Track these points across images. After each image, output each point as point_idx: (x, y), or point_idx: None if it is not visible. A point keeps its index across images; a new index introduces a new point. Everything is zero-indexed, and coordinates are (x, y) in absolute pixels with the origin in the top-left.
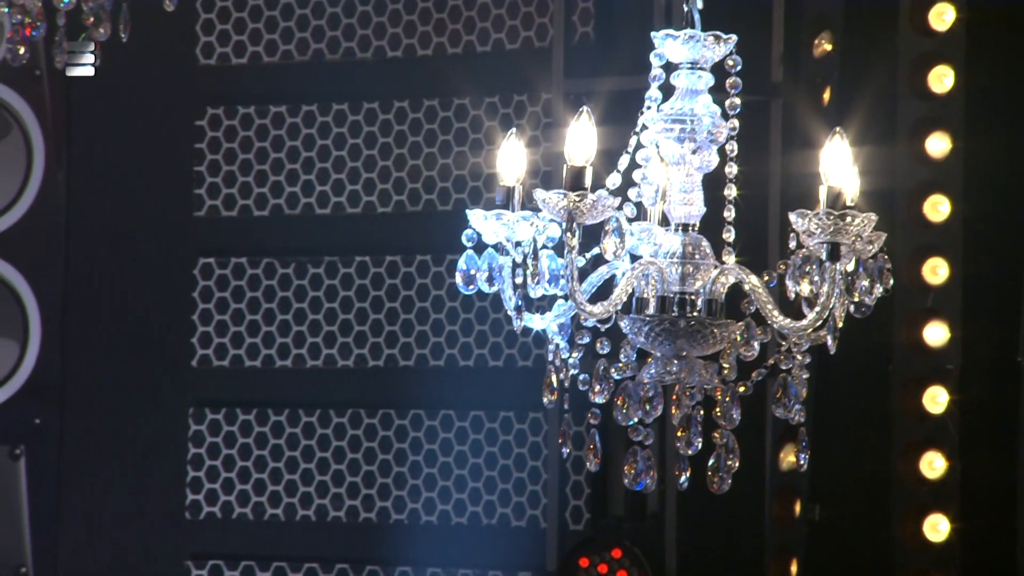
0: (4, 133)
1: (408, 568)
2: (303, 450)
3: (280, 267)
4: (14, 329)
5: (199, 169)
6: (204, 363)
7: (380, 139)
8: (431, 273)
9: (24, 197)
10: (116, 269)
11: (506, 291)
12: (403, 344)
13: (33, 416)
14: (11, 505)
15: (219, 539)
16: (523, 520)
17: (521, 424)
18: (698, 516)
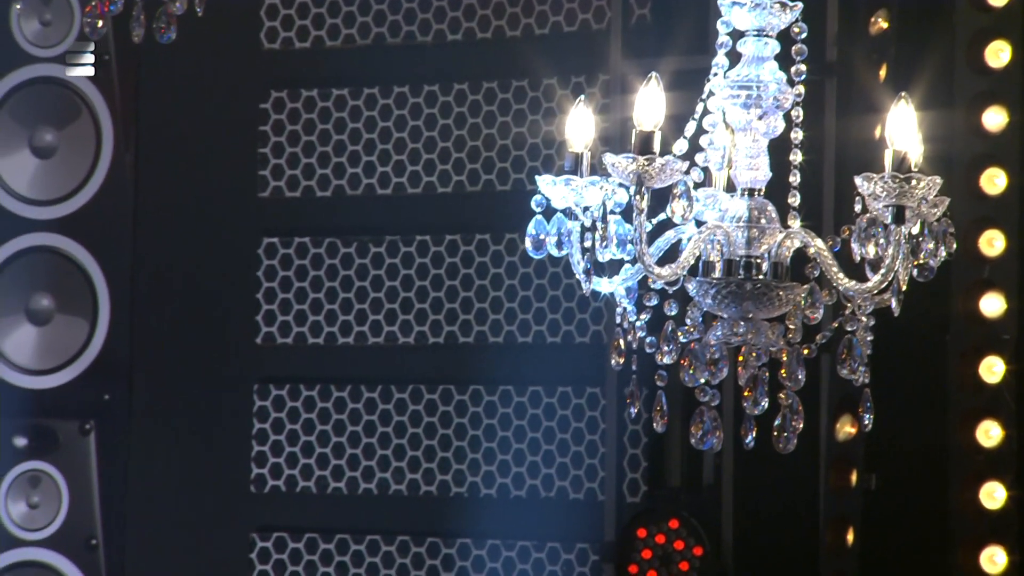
0: (74, 116)
1: (468, 540)
2: (365, 425)
3: (342, 246)
4: (84, 308)
5: (263, 151)
6: (268, 340)
7: (440, 120)
8: (490, 251)
9: (93, 179)
10: (182, 249)
11: (575, 255)
12: (463, 321)
13: (102, 392)
14: (82, 479)
15: (283, 512)
16: (581, 493)
17: (579, 399)
18: (754, 487)
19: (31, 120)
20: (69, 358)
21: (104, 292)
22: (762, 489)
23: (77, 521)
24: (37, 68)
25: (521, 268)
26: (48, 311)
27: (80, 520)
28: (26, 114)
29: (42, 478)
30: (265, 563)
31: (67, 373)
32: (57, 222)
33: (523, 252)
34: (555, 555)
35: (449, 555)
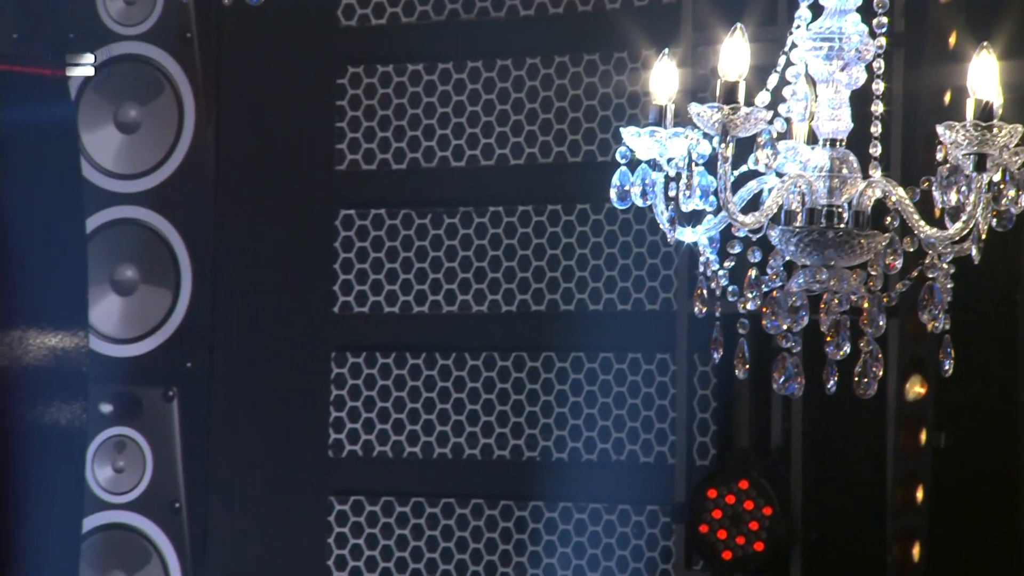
0: (156, 93)
1: (540, 503)
2: (439, 391)
3: (417, 218)
4: (167, 278)
5: (340, 125)
6: (345, 309)
7: (512, 94)
8: (562, 222)
9: (175, 154)
10: (262, 221)
11: (658, 205)
12: (535, 290)
13: (185, 360)
14: (165, 444)
15: (360, 476)
16: (651, 456)
17: (649, 365)
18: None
19: (116, 97)
20: (153, 327)
21: (186, 263)
22: (830, 450)
23: (161, 485)
24: (122, 46)
25: (592, 238)
26: (132, 282)
27: (164, 484)
28: (111, 91)
29: (127, 443)
30: (343, 525)
31: (151, 342)
32: (141, 195)
33: (594, 222)
34: (626, 517)
35: (522, 517)
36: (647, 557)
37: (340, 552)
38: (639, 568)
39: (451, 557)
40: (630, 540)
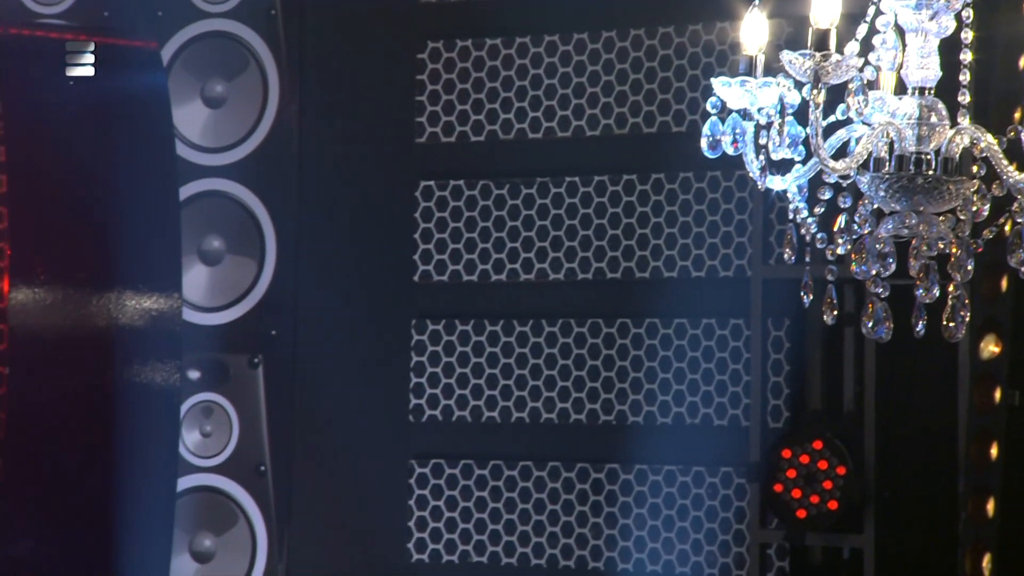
0: (242, 69)
1: (615, 465)
2: (517, 357)
3: (495, 188)
4: (252, 249)
5: (420, 99)
6: (425, 278)
7: (588, 67)
8: (637, 191)
9: (260, 127)
10: (344, 192)
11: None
12: (610, 258)
13: (269, 328)
14: (251, 409)
15: (440, 439)
16: (724, 419)
17: (722, 330)
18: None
19: (202, 72)
20: (238, 296)
21: (271, 234)
22: (902, 411)
23: (246, 449)
24: (208, 23)
25: (667, 206)
26: (219, 252)
27: (249, 448)
28: (198, 67)
29: (214, 409)
30: (423, 488)
31: (237, 310)
32: (227, 168)
33: (668, 191)
34: (700, 479)
35: (598, 479)
36: (721, 518)
37: (420, 514)
38: (713, 528)
39: (528, 518)
40: (704, 501)
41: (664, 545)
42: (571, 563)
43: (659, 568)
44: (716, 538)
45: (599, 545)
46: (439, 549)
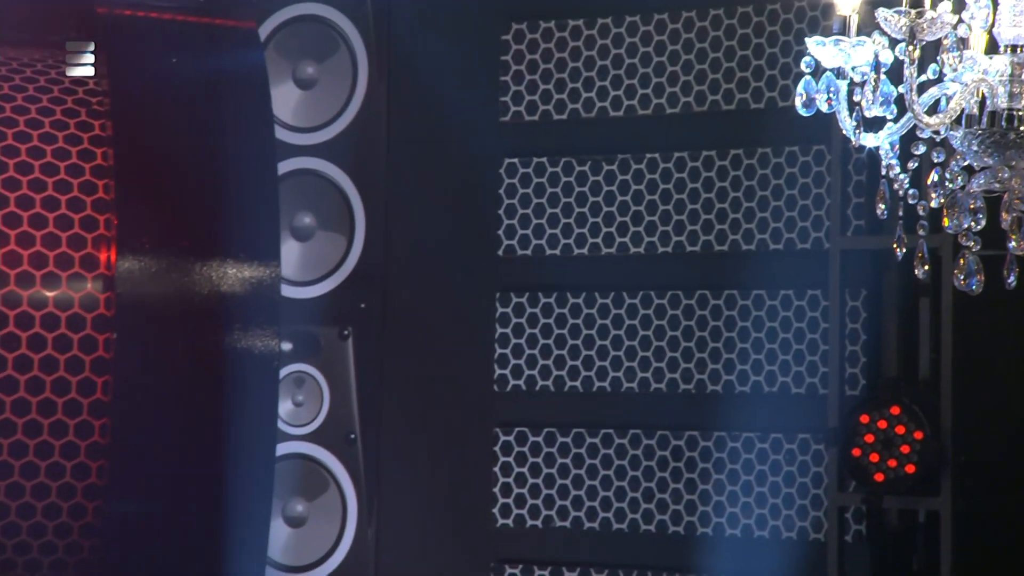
0: (332, 51)
1: (695, 432)
2: (598, 329)
3: (577, 165)
4: (342, 225)
5: (504, 79)
6: (509, 252)
7: (669, 47)
8: (715, 167)
9: (350, 107)
10: (430, 170)
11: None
12: (689, 232)
13: (359, 301)
14: (341, 379)
15: (523, 408)
16: (802, 387)
17: (800, 301)
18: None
19: (294, 55)
20: (329, 270)
21: (360, 210)
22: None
23: (337, 417)
24: (299, 7)
25: (745, 181)
26: (310, 228)
27: (340, 417)
28: (290, 49)
29: (306, 379)
30: (507, 455)
31: (327, 284)
32: (317, 147)
33: (747, 166)
34: (778, 445)
35: (678, 446)
36: (798, 483)
37: (505, 480)
38: (791, 493)
39: (610, 484)
40: (782, 467)
41: (743, 509)
42: (651, 527)
43: (737, 532)
44: (794, 503)
45: (679, 510)
46: (523, 514)
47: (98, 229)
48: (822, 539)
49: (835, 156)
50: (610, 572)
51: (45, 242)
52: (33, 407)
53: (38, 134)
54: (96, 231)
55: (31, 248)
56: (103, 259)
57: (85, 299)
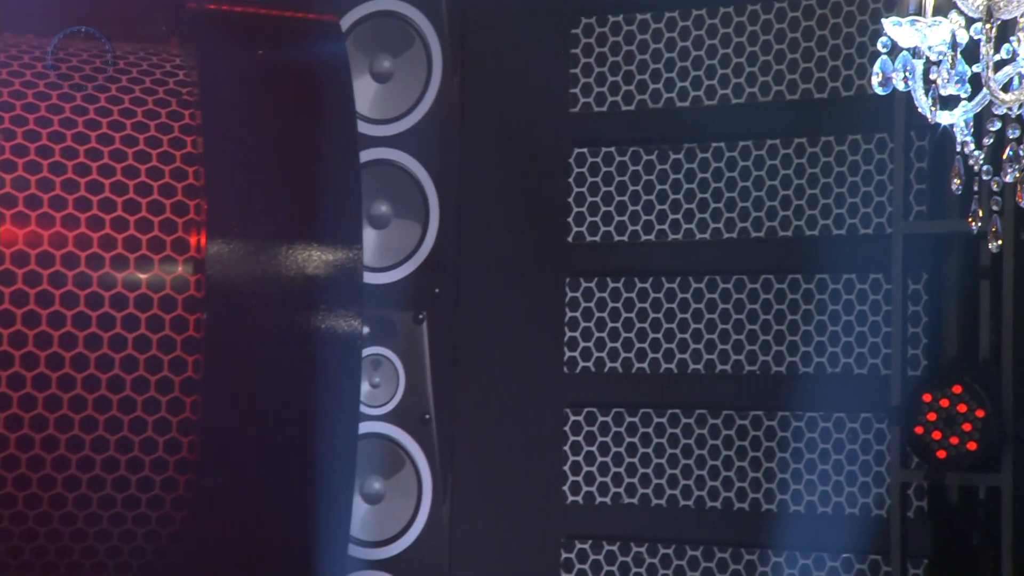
0: (408, 45)
1: (759, 412)
2: (665, 312)
3: (644, 154)
4: (417, 213)
5: (574, 71)
6: (578, 239)
7: (734, 39)
8: (779, 155)
9: (424, 99)
10: (502, 159)
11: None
12: (754, 218)
13: (433, 286)
14: (416, 362)
15: (592, 389)
16: (864, 368)
17: (863, 284)
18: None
19: (371, 49)
20: (404, 257)
21: (434, 199)
22: None
23: (412, 398)
24: (376, 3)
25: (808, 169)
26: (386, 216)
27: (415, 398)
28: (367, 44)
29: (382, 361)
30: (577, 434)
31: (402, 270)
32: (393, 138)
33: (810, 155)
34: (841, 424)
35: (743, 426)
36: (861, 460)
37: (574, 458)
38: (853, 471)
39: (676, 462)
40: (845, 445)
41: (806, 487)
42: (717, 504)
43: (801, 508)
44: (856, 480)
45: (744, 487)
46: (592, 491)
47: (189, 214)
48: (884, 515)
49: (897, 144)
50: (676, 547)
51: (138, 226)
52: (127, 384)
53: (131, 123)
54: (187, 216)
55: (125, 232)
56: (193, 243)
57: (176, 281)
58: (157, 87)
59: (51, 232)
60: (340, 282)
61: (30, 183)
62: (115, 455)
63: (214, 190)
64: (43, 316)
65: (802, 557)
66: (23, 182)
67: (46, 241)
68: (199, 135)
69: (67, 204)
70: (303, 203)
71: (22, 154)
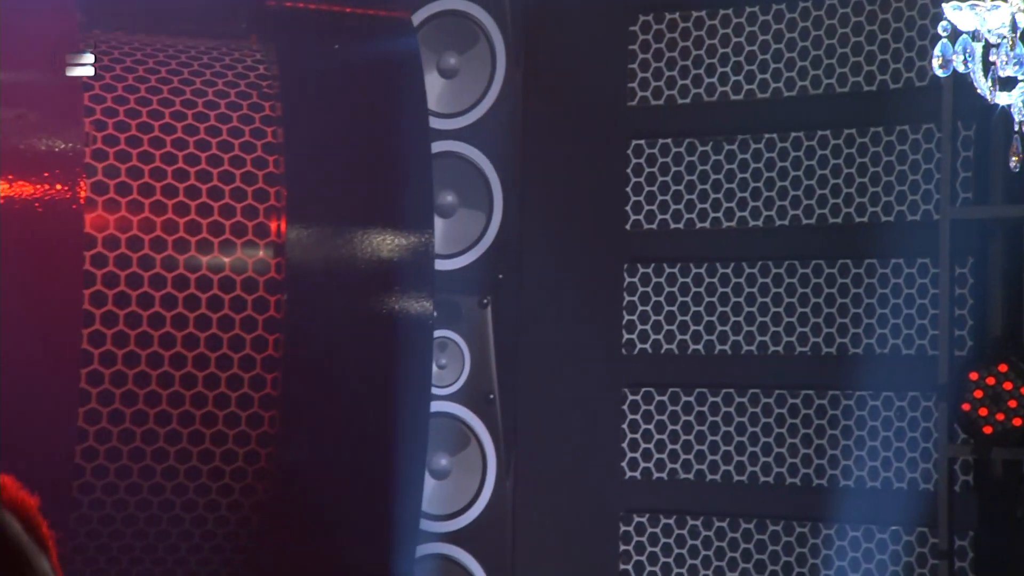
0: (473, 43)
1: (810, 392)
2: (720, 296)
3: (700, 145)
4: (481, 202)
5: (632, 67)
6: (636, 227)
7: (786, 34)
8: (830, 145)
9: (489, 94)
10: (563, 151)
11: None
12: (805, 206)
13: (497, 272)
14: (481, 344)
15: (650, 370)
16: (912, 349)
17: (910, 269)
18: None
19: (438, 47)
20: (469, 244)
21: (498, 189)
22: None
23: (477, 379)
24: (443, 3)
25: (858, 158)
26: (452, 206)
27: (480, 378)
28: (434, 42)
29: (448, 344)
30: (635, 413)
31: (468, 256)
32: (459, 131)
33: (859, 145)
34: (889, 402)
35: (794, 404)
36: (909, 437)
37: (632, 436)
38: (901, 447)
39: (731, 439)
40: (893, 423)
41: (856, 462)
42: (770, 479)
43: (851, 483)
44: (904, 455)
45: (795, 463)
46: (650, 467)
47: (269, 200)
48: (931, 489)
49: (945, 133)
50: (730, 520)
51: (222, 212)
52: (212, 362)
53: (215, 114)
54: (268, 202)
55: (209, 217)
56: (274, 228)
57: (258, 264)
58: (239, 80)
59: (140, 217)
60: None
61: (120, 171)
62: (200, 429)
63: (293, 178)
64: (133, 297)
65: (852, 529)
66: (114, 170)
67: (135, 226)
68: (279, 126)
69: (155, 191)
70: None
71: (113, 144)
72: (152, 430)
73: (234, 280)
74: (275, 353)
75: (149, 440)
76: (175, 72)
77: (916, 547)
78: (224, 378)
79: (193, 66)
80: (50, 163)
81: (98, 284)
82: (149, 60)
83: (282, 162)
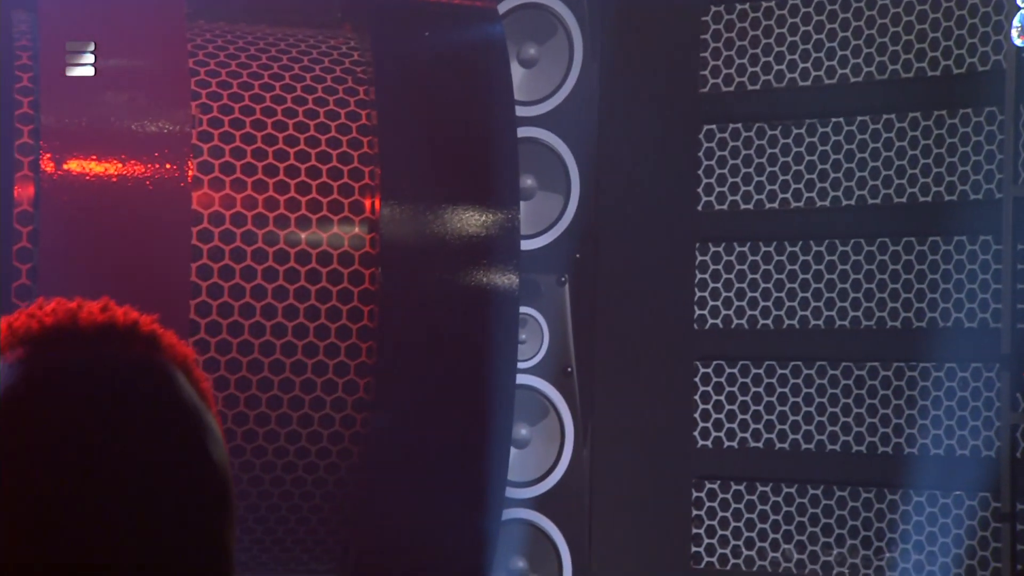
0: (551, 34)
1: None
2: (788, 273)
3: (768, 129)
4: (559, 185)
5: (703, 55)
6: (707, 208)
7: (853, 23)
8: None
9: (566, 83)
10: (637, 136)
11: None
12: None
13: (574, 252)
14: (559, 320)
15: (722, 345)
16: (975, 322)
17: (973, 246)
18: None
19: (519, 38)
20: (548, 225)
21: (575, 173)
22: None
23: (556, 353)
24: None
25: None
26: (531, 189)
27: (558, 352)
28: (515, 33)
29: (528, 320)
30: (706, 385)
31: (546, 237)
32: (538, 118)
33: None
34: (952, 373)
35: (860, 376)
36: (972, 406)
37: (704, 407)
38: (964, 416)
39: (799, 409)
40: (956, 392)
41: (920, 430)
42: (836, 447)
43: (915, 450)
44: (967, 423)
45: (861, 431)
46: (720, 436)
47: (364, 179)
48: (993, 456)
49: (1008, 115)
50: (799, 487)
51: (319, 190)
52: (311, 331)
53: (312, 98)
54: (362, 181)
55: (308, 195)
56: (368, 205)
57: (353, 240)
58: (335, 66)
59: (243, 195)
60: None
61: (224, 152)
62: (300, 395)
63: (387, 158)
64: (237, 270)
65: (916, 495)
66: (218, 151)
67: (239, 203)
68: (373, 109)
69: (257, 170)
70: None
71: (217, 126)
72: (255, 396)
73: (331, 254)
74: (370, 323)
75: (252, 405)
76: (275, 59)
77: (979, 511)
78: (322, 347)
79: (292, 53)
80: (159, 144)
81: (204, 258)
82: (251, 48)
83: (376, 143)
